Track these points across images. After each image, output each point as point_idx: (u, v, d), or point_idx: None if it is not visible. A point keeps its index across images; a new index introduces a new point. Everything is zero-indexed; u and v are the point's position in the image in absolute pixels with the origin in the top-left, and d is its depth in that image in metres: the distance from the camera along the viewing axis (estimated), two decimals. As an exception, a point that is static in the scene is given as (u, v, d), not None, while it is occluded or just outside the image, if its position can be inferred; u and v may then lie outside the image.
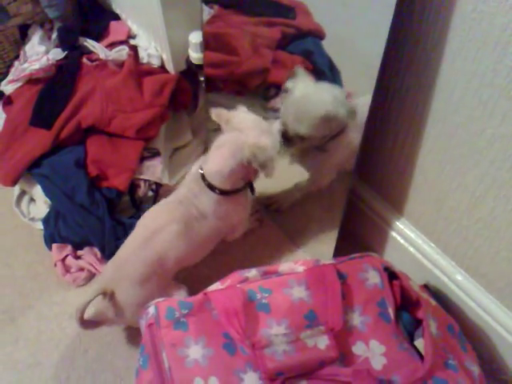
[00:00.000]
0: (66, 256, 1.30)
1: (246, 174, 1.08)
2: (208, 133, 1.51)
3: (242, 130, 1.05)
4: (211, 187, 1.08)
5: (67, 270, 1.30)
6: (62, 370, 1.15)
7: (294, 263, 0.94)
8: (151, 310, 0.87)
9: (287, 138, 1.12)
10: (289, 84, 1.11)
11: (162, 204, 1.13)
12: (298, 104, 1.08)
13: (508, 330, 0.99)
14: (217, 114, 1.10)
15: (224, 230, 1.16)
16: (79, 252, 1.32)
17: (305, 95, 1.08)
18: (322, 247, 1.29)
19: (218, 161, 1.07)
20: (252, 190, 1.15)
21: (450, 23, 0.80)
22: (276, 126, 1.11)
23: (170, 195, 1.14)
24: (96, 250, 1.31)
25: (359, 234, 1.30)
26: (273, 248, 1.36)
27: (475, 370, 0.86)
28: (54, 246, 1.31)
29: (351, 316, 0.87)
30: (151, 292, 1.03)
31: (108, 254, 1.25)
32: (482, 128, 0.84)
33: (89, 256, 1.30)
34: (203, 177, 1.08)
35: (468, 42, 0.78)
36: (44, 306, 1.27)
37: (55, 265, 1.30)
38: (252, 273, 0.93)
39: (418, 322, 0.90)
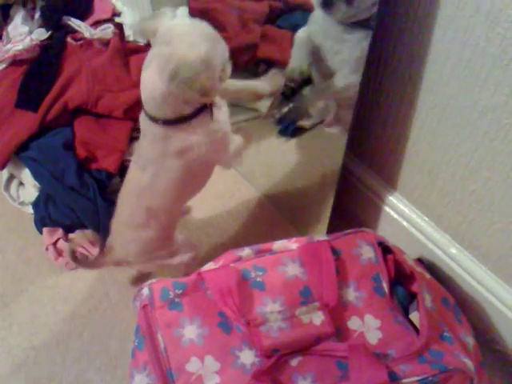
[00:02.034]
0: (58, 240, 1.29)
1: (188, 95, 0.85)
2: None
3: (170, 41, 0.83)
4: (152, 118, 0.89)
5: (59, 253, 1.29)
6: (57, 353, 1.15)
7: (287, 241, 0.94)
8: (145, 291, 0.87)
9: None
10: None
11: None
12: None
13: (502, 301, 1.00)
14: (141, 29, 0.92)
15: (196, 168, 0.97)
16: (71, 235, 1.31)
17: None
18: (315, 224, 1.29)
19: (146, 84, 0.87)
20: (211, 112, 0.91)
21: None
22: None
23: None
24: (88, 232, 1.30)
25: (352, 210, 1.30)
26: (266, 226, 1.36)
27: (470, 341, 0.87)
28: (45, 229, 1.30)
29: (346, 291, 0.87)
30: (150, 239, 1.03)
31: (103, 234, 1.24)
32: (474, 99, 0.83)
33: (81, 239, 1.29)
34: (143, 108, 0.91)
35: (460, 10, 0.77)
36: (37, 290, 1.26)
37: (47, 249, 1.29)
38: (245, 252, 0.93)
39: (413, 296, 0.90)
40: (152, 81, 0.84)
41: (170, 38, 0.83)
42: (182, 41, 0.82)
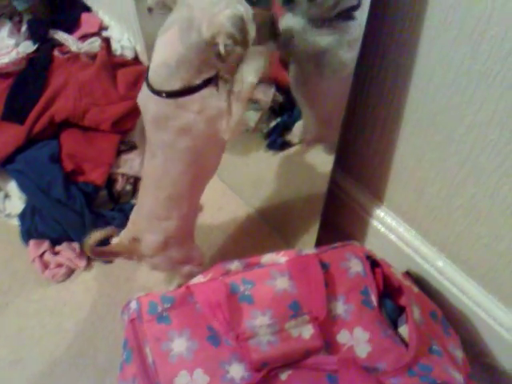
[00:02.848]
0: (44, 252, 1.28)
1: (204, 61, 0.82)
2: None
3: (192, 4, 0.80)
4: (156, 91, 0.85)
5: (46, 266, 1.28)
6: (46, 365, 1.14)
7: (275, 254, 0.94)
8: (133, 304, 0.86)
9: None
10: None
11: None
12: None
13: (489, 313, 1.00)
14: None
15: (205, 146, 0.93)
16: (57, 248, 1.30)
17: None
18: (303, 236, 1.29)
19: (162, 49, 0.84)
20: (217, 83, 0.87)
21: (426, 11, 0.80)
22: None
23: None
24: (74, 244, 1.30)
25: (341, 223, 1.30)
26: (255, 239, 1.36)
27: (459, 354, 0.87)
28: (32, 242, 1.29)
29: (335, 305, 0.87)
30: (173, 231, 1.01)
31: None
32: (460, 115, 0.84)
33: (67, 251, 1.28)
34: (147, 81, 0.87)
35: (445, 30, 0.78)
36: (23, 302, 1.25)
37: (33, 261, 1.28)
38: (234, 265, 0.93)
39: (401, 309, 0.91)
40: (170, 44, 0.81)
41: (190, 2, 0.80)
42: (206, 2, 0.79)
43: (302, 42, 0.98)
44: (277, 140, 1.29)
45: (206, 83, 0.85)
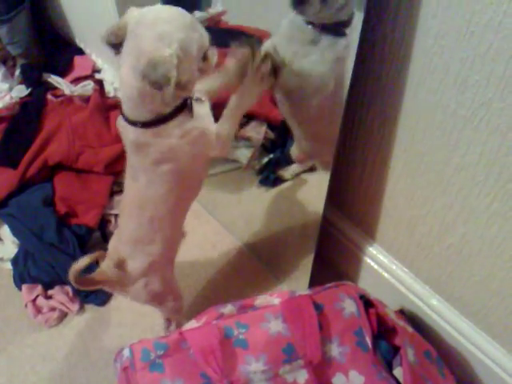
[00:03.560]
0: (37, 296, 1.27)
1: (166, 92, 0.79)
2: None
3: (139, 34, 0.78)
4: (131, 121, 0.85)
5: (38, 310, 1.27)
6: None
7: (269, 295, 0.94)
8: (126, 352, 0.85)
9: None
10: None
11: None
12: None
13: (485, 352, 1.00)
14: (109, 33, 0.81)
15: (188, 168, 0.92)
16: (50, 292, 1.29)
17: None
18: (297, 274, 1.29)
19: (122, 83, 0.82)
20: (191, 109, 0.86)
21: (411, 56, 0.82)
22: None
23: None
24: (68, 288, 1.29)
25: (334, 260, 1.30)
26: (248, 276, 1.35)
27: (454, 395, 0.87)
28: (24, 286, 1.28)
29: (329, 347, 0.87)
30: (156, 254, 0.99)
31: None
32: (447, 157, 0.85)
33: (60, 295, 1.27)
34: (121, 111, 0.86)
35: (430, 74, 0.80)
36: (16, 348, 1.23)
37: (26, 306, 1.27)
38: (228, 308, 0.92)
39: (396, 349, 0.90)
40: (127, 80, 0.80)
41: (139, 31, 0.77)
42: (152, 33, 0.77)
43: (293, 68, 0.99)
44: (269, 176, 1.30)
45: (179, 110, 0.84)
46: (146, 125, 0.84)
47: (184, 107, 0.85)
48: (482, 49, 0.71)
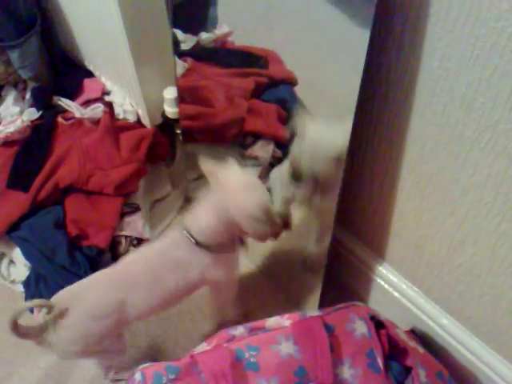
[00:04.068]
0: (49, 319, 1.28)
1: (232, 232, 1.02)
2: (187, 183, 1.51)
3: (226, 190, 0.98)
4: (200, 244, 1.01)
5: (50, 332, 1.27)
6: None
7: (280, 317, 0.94)
8: (137, 376, 0.86)
9: (299, 178, 1.09)
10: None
11: (140, 251, 1.08)
12: (314, 144, 1.05)
13: (496, 372, 0.99)
14: (208, 170, 1.02)
15: (199, 286, 1.08)
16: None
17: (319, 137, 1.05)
18: (307, 294, 1.29)
19: (199, 219, 1.01)
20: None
21: (417, 78, 0.82)
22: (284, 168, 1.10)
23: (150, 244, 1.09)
24: (79, 310, 1.29)
25: (344, 280, 1.30)
26: (258, 297, 1.35)
27: (467, 417, 0.86)
28: (36, 309, 1.29)
29: (341, 369, 0.87)
30: (101, 333, 0.99)
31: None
32: (455, 178, 0.86)
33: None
34: (191, 234, 1.02)
35: (436, 96, 0.81)
36: (27, 372, 1.24)
37: (37, 328, 1.27)
38: (239, 330, 0.93)
39: (407, 370, 0.90)
40: (206, 218, 0.99)
41: (227, 190, 0.97)
42: (236, 193, 0.96)
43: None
44: (277, 197, 1.31)
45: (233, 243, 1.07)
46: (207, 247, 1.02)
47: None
48: (487, 72, 0.72)
